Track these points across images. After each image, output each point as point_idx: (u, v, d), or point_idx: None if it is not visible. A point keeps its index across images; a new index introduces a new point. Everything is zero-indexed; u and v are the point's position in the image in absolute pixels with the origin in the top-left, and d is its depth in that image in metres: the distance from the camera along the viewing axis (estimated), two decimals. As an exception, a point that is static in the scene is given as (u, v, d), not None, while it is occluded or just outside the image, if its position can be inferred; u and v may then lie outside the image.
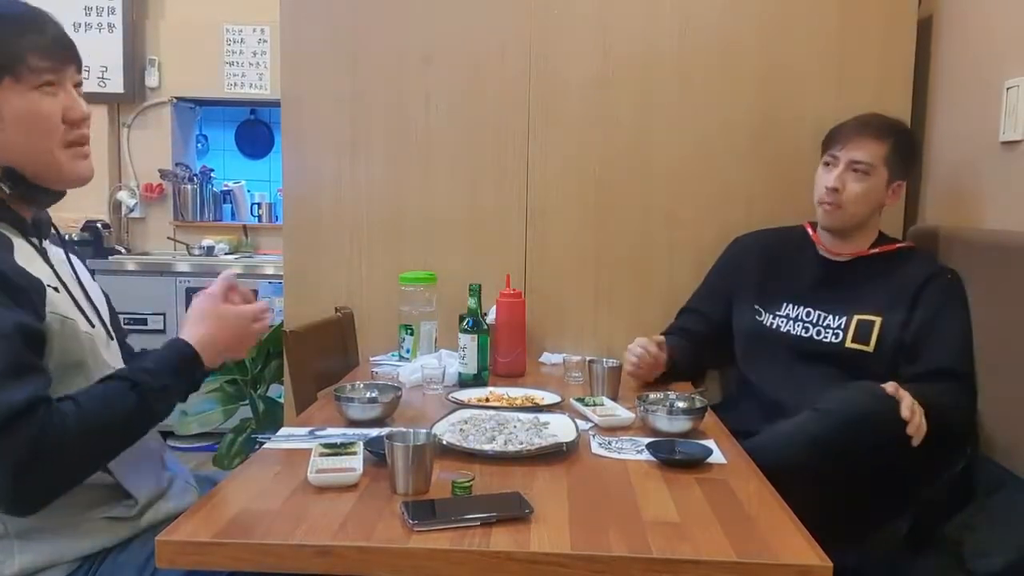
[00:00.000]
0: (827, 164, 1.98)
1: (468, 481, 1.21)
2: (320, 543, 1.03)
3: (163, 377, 1.19)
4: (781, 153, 2.31)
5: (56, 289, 1.22)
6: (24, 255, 1.20)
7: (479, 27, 2.36)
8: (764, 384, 1.96)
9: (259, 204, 4.50)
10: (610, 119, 2.35)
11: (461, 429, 1.47)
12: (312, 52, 2.40)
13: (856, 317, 1.89)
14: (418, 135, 2.39)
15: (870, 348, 1.87)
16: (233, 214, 4.50)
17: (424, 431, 1.29)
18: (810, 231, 2.07)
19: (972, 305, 1.84)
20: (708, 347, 2.12)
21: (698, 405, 1.61)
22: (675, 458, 1.37)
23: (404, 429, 1.30)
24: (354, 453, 1.28)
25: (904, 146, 1.97)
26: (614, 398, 1.76)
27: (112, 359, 1.30)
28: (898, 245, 2.00)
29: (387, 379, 1.82)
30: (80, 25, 4.14)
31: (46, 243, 1.29)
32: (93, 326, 1.29)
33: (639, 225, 2.36)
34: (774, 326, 1.99)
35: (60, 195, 1.27)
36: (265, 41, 4.17)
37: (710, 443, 1.46)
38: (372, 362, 2.12)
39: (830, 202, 1.94)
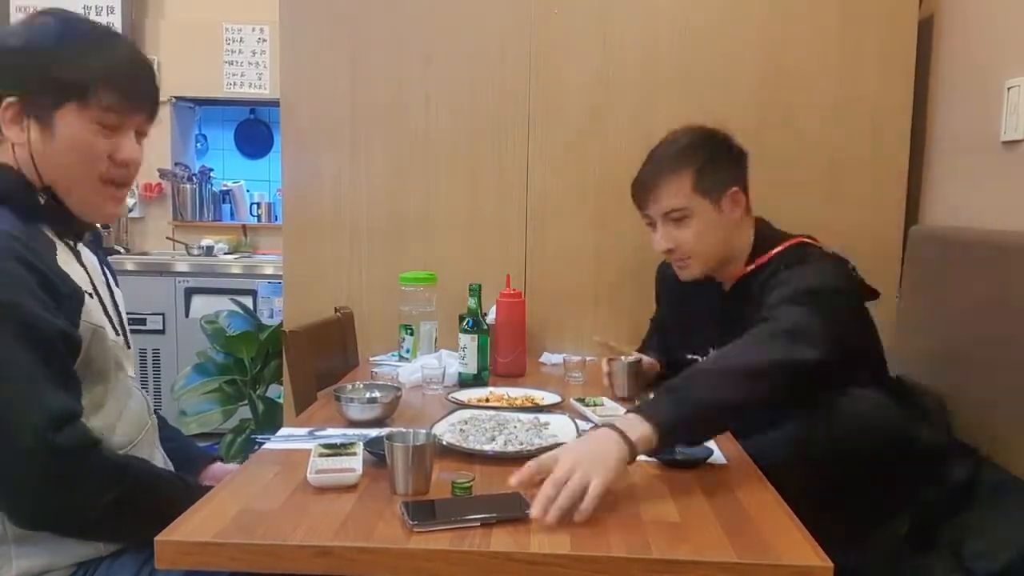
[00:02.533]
0: (649, 225, 1.83)
1: (468, 481, 1.21)
2: (320, 543, 1.03)
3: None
4: (781, 153, 2.31)
5: (90, 295, 1.24)
6: (63, 258, 1.22)
7: (479, 27, 2.36)
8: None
9: (258, 204, 4.50)
10: (610, 119, 2.35)
11: (461, 429, 1.47)
12: (312, 52, 2.39)
13: None
14: (418, 135, 2.39)
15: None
16: (232, 214, 4.50)
17: (424, 431, 1.28)
18: None
19: (972, 305, 1.84)
20: None
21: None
22: (675, 458, 1.37)
23: (404, 429, 1.30)
24: (354, 453, 1.28)
25: (708, 158, 1.76)
26: (636, 396, 1.75)
27: (130, 368, 1.31)
28: (771, 253, 1.76)
29: (387, 379, 1.82)
30: (80, 25, 4.14)
31: (80, 245, 1.31)
32: (118, 334, 1.30)
33: (639, 225, 2.35)
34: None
35: (91, 225, 1.31)
36: (265, 41, 4.17)
37: (710, 443, 1.46)
38: (372, 362, 2.12)
39: (676, 260, 1.80)
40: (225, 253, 4.24)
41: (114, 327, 1.30)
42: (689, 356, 1.88)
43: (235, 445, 2.76)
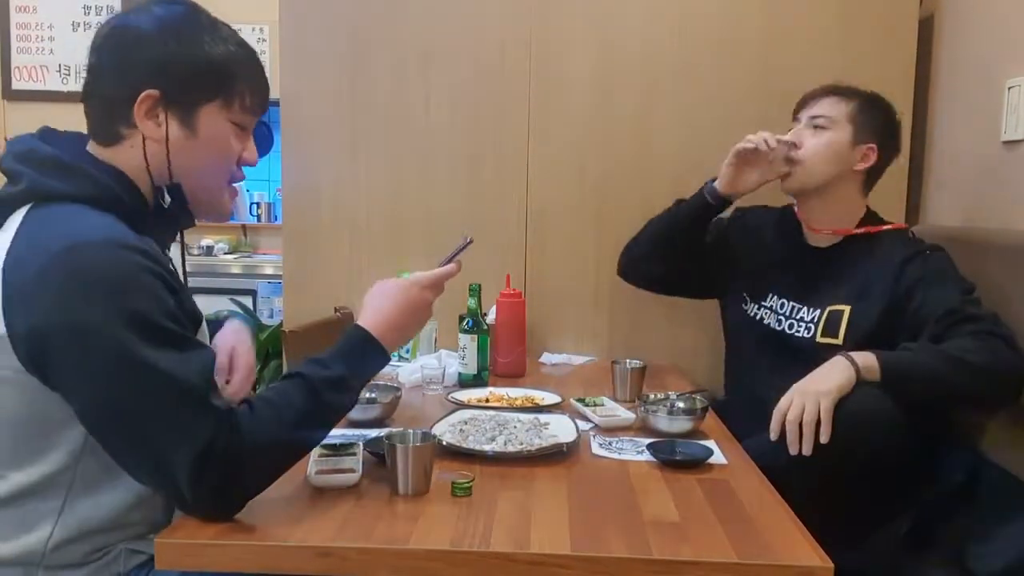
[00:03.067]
0: (790, 131, 1.91)
1: (468, 482, 1.21)
2: (320, 544, 1.03)
3: (334, 366, 1.16)
4: (781, 153, 2.31)
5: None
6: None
7: (479, 26, 2.35)
8: (747, 379, 1.94)
9: (258, 204, 4.50)
10: (610, 118, 2.35)
11: (461, 429, 1.47)
12: (312, 51, 2.39)
13: (828, 308, 1.81)
14: (418, 135, 2.39)
15: (839, 340, 1.77)
16: (232, 214, 4.49)
17: (424, 431, 1.28)
18: (797, 212, 1.97)
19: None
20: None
21: (699, 405, 1.60)
22: (675, 459, 1.37)
23: (404, 429, 1.30)
24: (353, 454, 1.28)
25: (873, 109, 1.88)
26: (636, 397, 1.76)
27: None
28: (886, 227, 1.89)
29: (386, 379, 1.82)
30: (79, 24, 4.14)
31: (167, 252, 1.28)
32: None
33: (639, 225, 2.36)
34: (757, 317, 1.94)
35: (192, 224, 1.28)
36: (264, 40, 4.16)
37: (711, 444, 1.46)
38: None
39: (789, 159, 1.86)
40: (225, 253, 4.24)
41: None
42: (762, 304, 1.93)
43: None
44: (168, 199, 1.20)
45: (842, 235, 1.89)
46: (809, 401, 1.48)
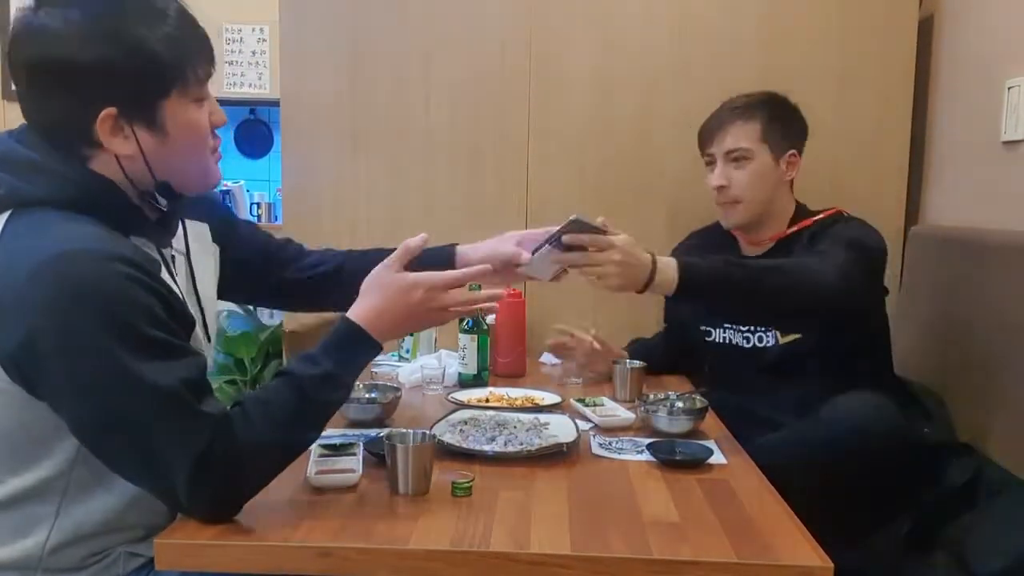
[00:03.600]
0: (708, 164, 1.91)
1: (468, 482, 1.21)
2: (320, 544, 1.03)
3: (321, 362, 1.12)
4: (781, 153, 2.31)
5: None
6: (164, 274, 1.14)
7: (479, 26, 2.36)
8: (731, 398, 1.86)
9: (258, 204, 4.49)
10: (610, 118, 2.35)
11: (461, 429, 1.47)
12: (312, 51, 2.39)
13: None
14: (418, 135, 2.39)
15: (799, 335, 1.81)
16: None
17: (424, 431, 1.28)
18: (731, 230, 1.96)
19: (973, 306, 1.83)
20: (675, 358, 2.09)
21: (699, 406, 1.60)
22: (675, 459, 1.37)
23: (404, 429, 1.30)
24: (353, 454, 1.28)
25: (778, 116, 1.87)
26: (636, 398, 1.76)
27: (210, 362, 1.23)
28: (818, 217, 1.88)
29: (386, 379, 1.82)
30: (79, 25, 4.14)
31: (167, 249, 1.22)
32: (209, 340, 1.26)
33: (639, 224, 2.34)
34: (725, 340, 1.94)
35: (177, 215, 1.23)
36: (265, 40, 4.16)
37: (711, 444, 1.46)
38: (372, 362, 2.11)
39: (724, 201, 1.88)
40: (225, 253, 4.23)
41: (207, 333, 1.25)
42: (726, 327, 1.92)
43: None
44: (163, 201, 1.17)
45: (775, 238, 1.90)
46: (613, 266, 1.51)
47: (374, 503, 1.16)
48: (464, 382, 1.94)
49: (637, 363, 1.84)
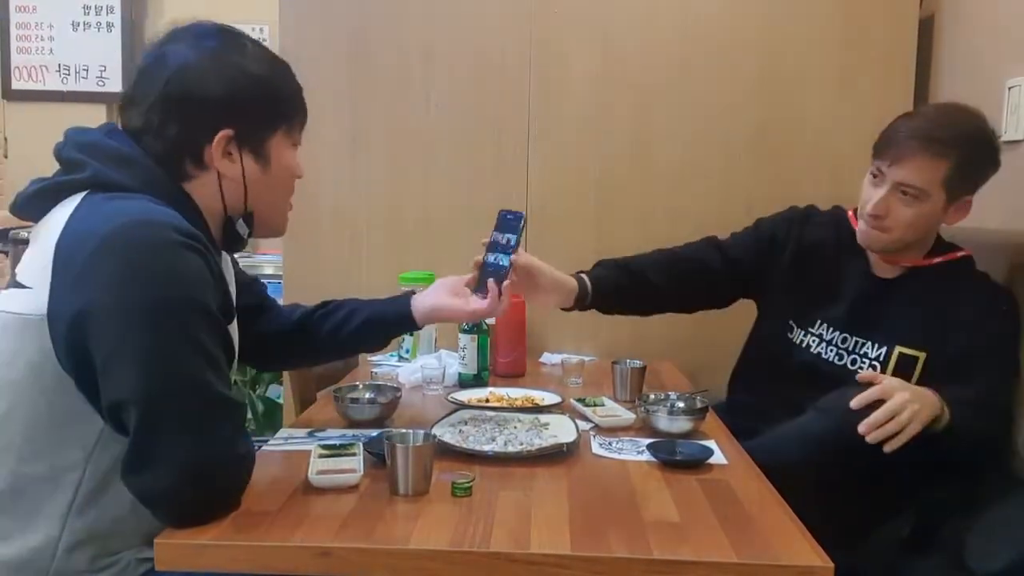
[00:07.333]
0: (874, 176, 1.69)
1: (468, 482, 1.21)
2: (320, 544, 1.03)
3: None
4: (782, 153, 2.31)
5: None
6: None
7: (479, 26, 2.35)
8: (769, 398, 1.78)
9: (259, 204, 4.50)
10: (610, 118, 2.35)
11: (461, 430, 1.47)
12: (311, 51, 2.39)
13: (898, 349, 1.69)
14: (418, 134, 2.39)
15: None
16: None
17: (424, 431, 1.28)
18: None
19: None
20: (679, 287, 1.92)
21: (699, 405, 1.60)
22: (676, 459, 1.37)
23: (404, 430, 1.30)
24: (354, 454, 1.28)
25: (971, 160, 1.64)
26: (636, 398, 1.76)
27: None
28: (957, 255, 1.74)
29: (387, 379, 1.82)
30: (79, 24, 4.14)
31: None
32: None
33: (639, 225, 2.36)
34: (804, 345, 1.79)
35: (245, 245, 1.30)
36: (265, 40, 4.15)
37: (711, 444, 1.46)
38: (372, 362, 2.12)
39: (873, 226, 1.69)
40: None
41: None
42: (810, 331, 1.79)
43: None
44: (246, 228, 1.24)
45: (911, 266, 1.75)
46: (909, 412, 1.44)
47: (374, 503, 1.16)
48: (464, 382, 1.94)
49: (637, 363, 1.83)
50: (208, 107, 1.17)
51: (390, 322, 1.56)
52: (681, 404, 1.62)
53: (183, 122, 1.16)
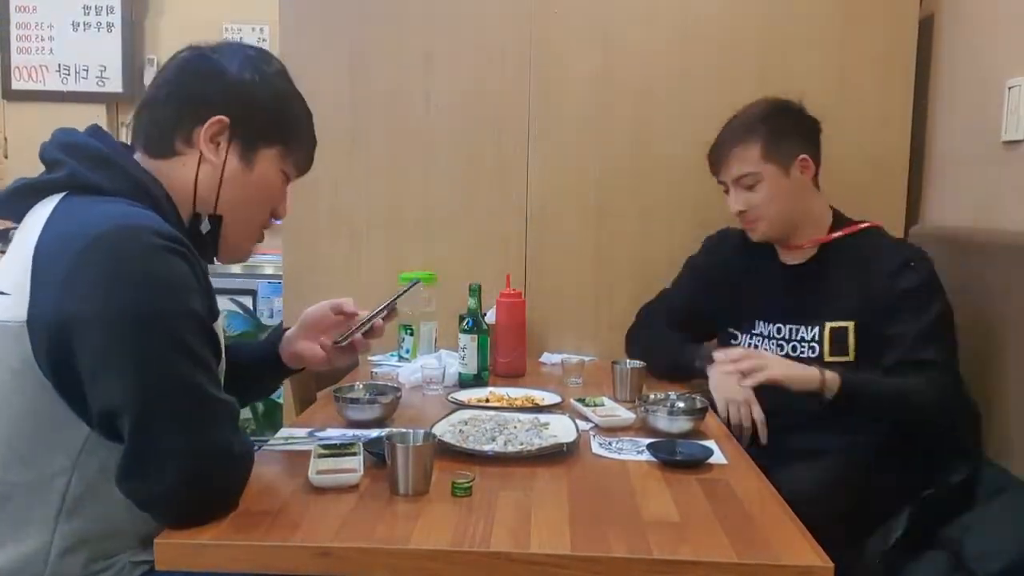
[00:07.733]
0: (725, 190, 1.91)
1: (468, 481, 1.21)
2: (320, 544, 1.03)
3: None
4: (781, 153, 2.30)
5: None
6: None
7: (479, 26, 2.35)
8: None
9: (259, 204, 4.49)
10: (610, 119, 2.35)
11: (461, 430, 1.47)
12: (311, 52, 2.39)
13: (828, 325, 1.79)
14: (418, 135, 2.39)
15: (850, 357, 1.76)
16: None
17: (424, 431, 1.28)
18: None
19: (973, 306, 1.83)
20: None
21: (699, 405, 1.60)
22: (676, 459, 1.37)
23: (404, 429, 1.30)
24: (354, 454, 1.28)
25: (778, 128, 1.83)
26: (635, 398, 1.75)
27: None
28: (860, 226, 1.88)
29: (387, 379, 1.82)
30: (79, 24, 4.13)
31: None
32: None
33: (639, 225, 2.36)
34: (751, 346, 1.90)
35: (211, 262, 1.30)
36: (265, 40, 4.16)
37: (711, 444, 1.46)
38: (372, 362, 2.12)
39: (746, 224, 1.88)
40: (225, 253, 4.22)
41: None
42: (752, 332, 1.91)
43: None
44: (208, 226, 1.23)
45: (817, 245, 1.88)
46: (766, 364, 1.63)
47: (374, 503, 1.16)
48: (464, 382, 1.94)
49: (637, 363, 1.84)
50: (217, 89, 1.19)
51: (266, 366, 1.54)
52: (681, 404, 1.62)
53: (187, 98, 1.19)
